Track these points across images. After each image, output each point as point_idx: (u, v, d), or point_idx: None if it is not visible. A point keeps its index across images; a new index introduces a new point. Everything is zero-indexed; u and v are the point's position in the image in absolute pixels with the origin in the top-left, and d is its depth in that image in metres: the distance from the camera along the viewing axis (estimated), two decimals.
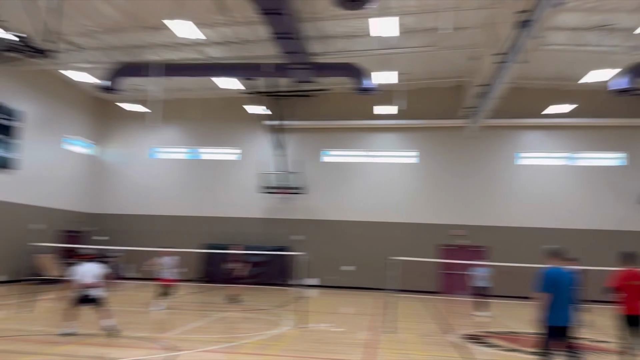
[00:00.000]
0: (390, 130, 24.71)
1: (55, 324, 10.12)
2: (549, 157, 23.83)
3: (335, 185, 24.62)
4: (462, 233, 23.40)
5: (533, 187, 23.46)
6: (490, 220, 23.36)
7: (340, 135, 24.95)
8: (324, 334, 10.84)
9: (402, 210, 23.95)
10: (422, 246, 22.86)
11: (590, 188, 23.08)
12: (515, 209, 23.32)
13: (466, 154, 23.98)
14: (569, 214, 22.77)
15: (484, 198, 23.69)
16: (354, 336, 10.68)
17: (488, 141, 23.80)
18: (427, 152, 24.31)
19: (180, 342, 9.40)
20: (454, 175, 23.94)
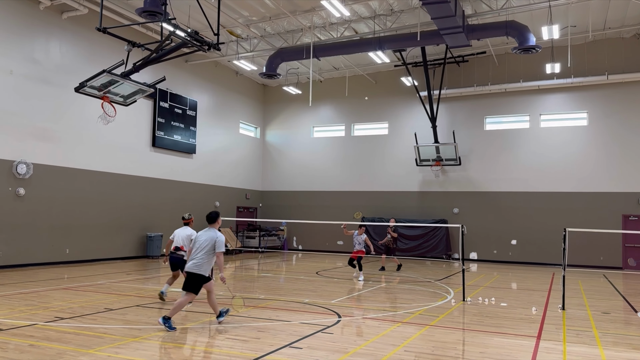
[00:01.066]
0: (554, 91, 22.51)
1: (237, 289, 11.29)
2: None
3: (493, 155, 23.32)
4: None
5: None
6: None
7: (498, 101, 23.44)
8: (486, 308, 10.49)
9: (569, 179, 21.84)
10: (596, 217, 20.75)
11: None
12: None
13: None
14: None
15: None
16: (518, 311, 10.15)
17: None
18: (599, 113, 21.68)
19: (341, 309, 9.86)
20: (635, 135, 21.03)
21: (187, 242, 9.91)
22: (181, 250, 10.08)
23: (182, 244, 10.09)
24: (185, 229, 10.31)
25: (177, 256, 10.10)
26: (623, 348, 7.26)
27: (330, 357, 6.40)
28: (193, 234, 9.74)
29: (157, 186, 21.08)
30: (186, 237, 10.10)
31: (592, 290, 13.93)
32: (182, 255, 9.89)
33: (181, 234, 10.22)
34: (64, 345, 6.59)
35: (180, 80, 22.44)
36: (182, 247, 10.10)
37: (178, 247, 10.13)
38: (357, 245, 15.55)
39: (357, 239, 15.57)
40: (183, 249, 10.04)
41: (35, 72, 16.49)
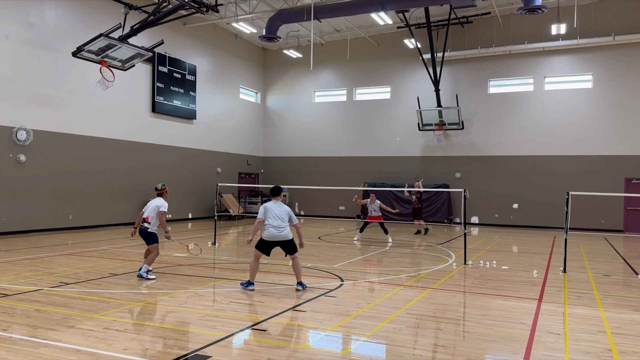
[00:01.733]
0: (559, 53, 22.12)
1: (241, 254, 11.38)
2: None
3: (496, 119, 23.12)
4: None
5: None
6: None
7: (502, 63, 23.08)
8: (488, 271, 10.56)
9: (573, 142, 21.70)
10: (598, 180, 20.73)
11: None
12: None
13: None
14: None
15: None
16: (519, 274, 10.22)
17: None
18: (604, 75, 21.34)
19: (344, 273, 9.94)
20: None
21: (154, 213, 8.96)
22: (146, 221, 9.01)
23: (148, 215, 9.01)
24: (156, 200, 9.15)
25: (141, 228, 9.07)
26: (624, 310, 7.33)
27: (334, 319, 6.46)
28: (162, 205, 8.97)
29: (158, 152, 21.02)
30: (154, 207, 9.03)
31: (593, 253, 14.01)
32: (147, 228, 8.97)
33: (150, 205, 9.13)
34: (70, 310, 6.66)
35: (178, 44, 22.06)
36: (147, 219, 9.01)
37: (144, 219, 9.04)
38: (374, 212, 15.92)
39: (372, 207, 15.93)
40: (147, 220, 8.98)
41: (32, 37, 16.19)
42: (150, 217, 8.99)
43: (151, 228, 8.97)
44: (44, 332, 5.67)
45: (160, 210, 8.90)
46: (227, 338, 5.59)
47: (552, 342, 5.66)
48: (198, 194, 23.17)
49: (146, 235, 9.03)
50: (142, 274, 8.91)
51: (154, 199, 9.24)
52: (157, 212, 8.96)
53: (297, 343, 5.50)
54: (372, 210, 15.95)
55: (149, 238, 9.02)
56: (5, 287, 8.08)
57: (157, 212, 8.96)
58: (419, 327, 6.23)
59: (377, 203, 15.86)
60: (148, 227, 8.98)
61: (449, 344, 5.53)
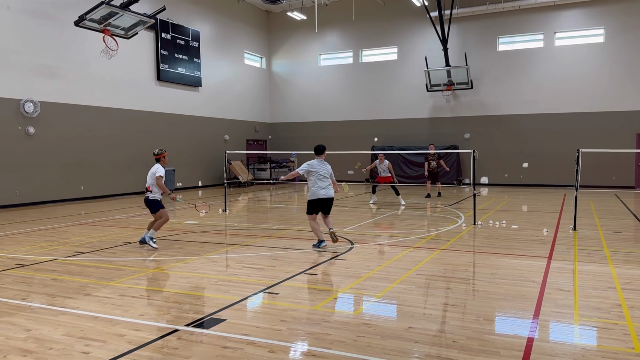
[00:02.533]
0: (570, 7, 21.54)
1: (251, 220, 11.48)
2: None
3: (506, 77, 22.73)
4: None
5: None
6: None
7: (512, 20, 22.51)
8: (498, 230, 10.59)
9: (584, 99, 21.35)
10: (610, 137, 20.50)
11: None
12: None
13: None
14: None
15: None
16: (529, 233, 10.25)
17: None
18: (616, 28, 20.79)
19: (354, 236, 10.02)
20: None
21: (152, 180, 8.83)
22: (147, 190, 8.90)
23: (149, 184, 8.89)
24: (153, 167, 8.98)
25: (145, 198, 9.01)
26: (634, 265, 7.35)
27: (345, 281, 6.55)
28: (157, 171, 8.82)
29: (165, 120, 20.99)
30: (151, 174, 8.87)
31: (603, 210, 13.98)
32: (147, 197, 8.91)
33: (149, 173, 8.97)
34: (86, 279, 6.80)
35: (180, 9, 21.70)
36: (148, 188, 8.90)
37: (146, 188, 8.96)
38: (383, 173, 15.90)
39: (381, 167, 15.85)
40: (149, 189, 8.88)
41: (33, 7, 15.98)
42: (151, 185, 8.89)
43: (152, 195, 8.89)
44: (62, 300, 5.81)
45: (157, 176, 8.79)
46: (240, 302, 5.70)
47: (562, 299, 5.71)
48: (207, 162, 23.23)
49: (148, 203, 8.95)
50: (146, 237, 8.90)
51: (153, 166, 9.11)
52: (154, 178, 8.84)
53: (309, 305, 5.59)
54: (382, 170, 15.86)
55: (152, 206, 8.94)
56: (22, 257, 8.25)
57: (154, 178, 8.84)
58: (429, 287, 6.30)
59: (386, 163, 15.75)
60: (149, 195, 8.90)
61: (459, 303, 5.60)
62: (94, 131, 18.01)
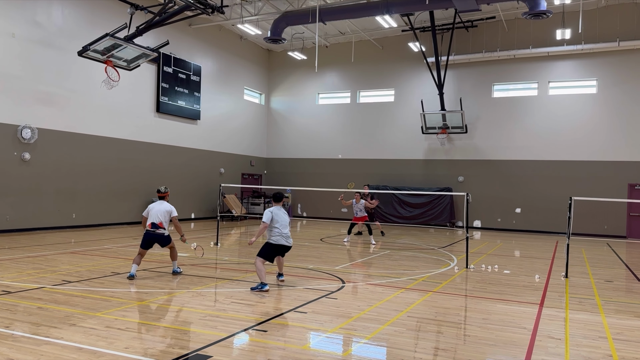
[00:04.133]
0: (564, 58, 22.12)
1: (243, 254, 11.42)
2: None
3: (500, 123, 23.12)
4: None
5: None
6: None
7: (507, 68, 23.08)
8: (489, 275, 10.55)
9: (576, 148, 21.68)
10: (601, 186, 20.71)
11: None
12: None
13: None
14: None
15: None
16: (521, 279, 10.21)
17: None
18: (609, 81, 21.32)
19: (345, 274, 9.95)
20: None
21: (165, 218, 9.03)
22: (160, 227, 9.00)
23: (161, 220, 9.00)
24: (162, 204, 9.18)
25: (156, 234, 9.01)
26: (626, 316, 7.32)
27: (335, 321, 6.47)
28: (172, 210, 9.12)
29: (161, 152, 21.07)
30: (165, 212, 9.07)
31: (595, 258, 13.99)
32: (163, 233, 9.02)
33: (159, 210, 9.07)
34: (72, 308, 6.69)
35: (184, 44, 22.13)
36: (160, 224, 9.00)
37: (156, 225, 8.97)
38: (359, 212, 16.01)
39: (357, 207, 16.04)
40: (162, 226, 9.00)
41: (38, 36, 16.28)
42: (164, 222, 9.08)
43: (167, 232, 9.16)
44: (46, 329, 5.69)
45: (173, 216, 9.15)
46: (228, 338, 5.61)
47: (553, 347, 5.66)
48: (201, 194, 23.21)
49: (163, 239, 9.13)
50: (176, 270, 9.43)
51: (156, 202, 9.28)
52: (168, 218, 9.10)
53: (297, 344, 5.51)
54: (358, 210, 16.00)
55: (165, 241, 9.17)
56: (8, 284, 8.12)
57: (168, 218, 9.10)
58: (420, 330, 6.23)
59: (362, 203, 15.94)
60: (164, 233, 9.10)
61: (449, 347, 5.54)
62: (90, 159, 18.04)
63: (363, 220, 16.02)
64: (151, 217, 9.03)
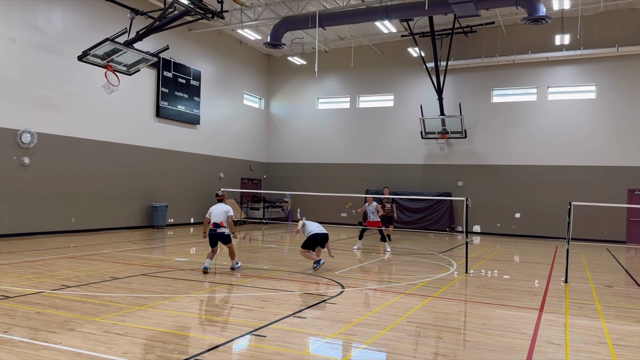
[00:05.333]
0: (563, 64, 22.16)
1: (242, 259, 11.35)
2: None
3: (499, 128, 23.14)
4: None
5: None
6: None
7: (506, 73, 23.13)
8: (489, 280, 10.54)
9: (576, 153, 21.69)
10: (601, 191, 20.70)
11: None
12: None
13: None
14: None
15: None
16: (520, 284, 10.20)
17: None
18: (608, 86, 21.37)
19: (345, 280, 9.93)
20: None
21: (225, 217, 10.22)
22: (221, 226, 10.20)
23: (221, 220, 10.21)
24: (221, 206, 10.40)
25: (218, 233, 10.22)
26: (625, 321, 7.30)
27: (334, 326, 6.46)
28: (230, 211, 10.27)
29: (161, 156, 21.07)
30: (223, 213, 10.27)
31: (595, 263, 13.97)
32: (224, 232, 10.19)
33: (218, 211, 10.30)
34: (70, 313, 6.67)
35: (183, 49, 22.18)
36: (221, 223, 10.20)
37: (217, 224, 10.18)
38: (372, 215, 15.39)
39: (369, 209, 15.41)
40: (223, 225, 10.20)
41: (38, 40, 16.31)
42: (224, 222, 10.22)
43: (227, 231, 10.26)
44: (45, 334, 5.68)
45: (229, 215, 10.26)
46: (227, 343, 5.59)
47: (553, 352, 5.64)
48: (200, 199, 23.19)
49: (225, 237, 10.25)
50: (234, 265, 10.64)
51: (216, 205, 10.42)
52: (226, 217, 10.25)
53: (297, 350, 5.49)
54: (370, 213, 15.35)
55: (226, 239, 10.29)
56: (7, 289, 8.10)
57: (226, 217, 10.25)
58: (420, 335, 6.22)
59: (374, 205, 15.33)
60: (225, 231, 10.21)
61: (449, 353, 5.52)
62: (89, 164, 18.03)
63: (377, 226, 15.38)
64: (213, 217, 10.24)
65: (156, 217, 20.19)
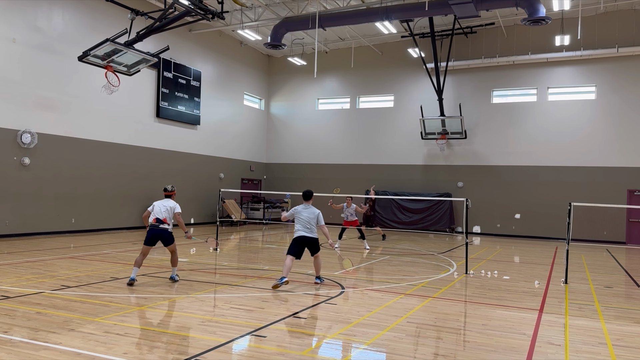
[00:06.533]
0: (563, 64, 22.17)
1: (242, 259, 11.41)
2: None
3: (499, 129, 23.15)
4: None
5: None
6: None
7: (506, 74, 23.14)
8: (489, 281, 10.54)
9: (576, 153, 21.70)
10: (601, 192, 20.71)
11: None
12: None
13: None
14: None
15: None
16: (520, 285, 10.20)
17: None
18: (608, 87, 21.37)
19: (344, 280, 9.93)
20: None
21: (170, 214, 9.11)
22: (164, 222, 9.04)
23: (165, 217, 9.06)
24: (167, 201, 9.27)
25: (160, 229, 9.03)
26: (625, 322, 7.31)
27: (334, 327, 6.46)
28: (177, 207, 9.20)
29: (161, 157, 21.08)
30: (168, 209, 9.14)
31: (595, 264, 13.97)
32: (166, 229, 9.05)
33: (162, 206, 9.16)
34: (71, 313, 6.67)
35: (184, 50, 22.18)
36: (165, 220, 9.05)
37: (160, 220, 9.02)
38: (350, 217, 16.03)
39: (348, 211, 16.01)
40: (166, 221, 9.06)
41: (38, 41, 16.32)
42: (168, 218, 9.09)
43: (170, 228, 9.17)
44: (45, 334, 5.68)
45: (176, 212, 9.14)
46: (227, 344, 5.59)
47: (553, 353, 5.64)
48: (201, 199, 23.20)
49: (167, 236, 9.09)
50: (174, 276, 9.24)
51: (161, 200, 9.27)
52: (172, 214, 9.13)
53: (297, 350, 5.49)
54: (348, 214, 15.98)
55: (169, 239, 9.13)
56: (7, 289, 8.11)
57: (172, 214, 9.13)
58: (420, 335, 6.22)
59: (353, 207, 15.90)
60: (168, 228, 9.09)
61: (449, 354, 5.52)
62: (90, 164, 18.04)
63: (354, 225, 15.99)
64: (155, 212, 9.07)
65: None
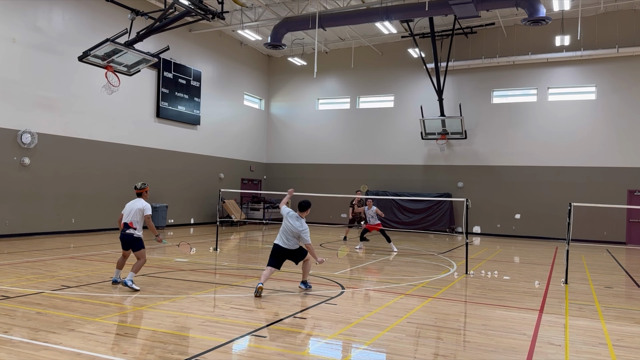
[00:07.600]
0: (563, 64, 22.17)
1: (242, 260, 11.40)
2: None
3: (499, 129, 23.15)
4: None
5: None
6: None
7: (506, 74, 23.13)
8: (489, 281, 10.54)
9: (576, 154, 21.70)
10: (601, 192, 20.71)
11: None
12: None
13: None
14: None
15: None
16: (520, 285, 10.20)
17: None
18: (608, 87, 21.37)
19: (345, 280, 9.93)
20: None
21: (139, 216, 8.34)
22: (131, 227, 8.34)
23: (131, 220, 8.34)
24: (137, 202, 8.51)
25: (126, 234, 8.40)
26: (625, 322, 7.30)
27: (334, 327, 6.46)
28: (146, 208, 8.39)
29: (161, 157, 21.07)
30: (137, 211, 8.36)
31: (595, 264, 13.97)
32: (132, 233, 8.35)
33: (132, 208, 8.42)
34: (71, 313, 6.67)
35: (184, 50, 22.18)
36: (131, 224, 8.34)
37: (127, 224, 8.35)
38: (372, 219, 15.67)
39: (369, 213, 15.69)
40: (132, 226, 8.34)
41: (38, 41, 16.31)
42: (135, 222, 8.36)
43: (137, 233, 8.39)
44: (45, 334, 5.68)
45: (147, 215, 8.39)
46: (227, 344, 5.59)
47: (553, 353, 5.64)
48: (201, 200, 23.20)
49: (132, 241, 8.38)
50: (127, 281, 8.13)
51: (133, 200, 8.62)
52: (141, 216, 8.40)
53: (297, 350, 5.49)
54: (370, 217, 15.67)
55: (135, 244, 8.38)
56: (7, 289, 8.10)
57: (141, 216, 8.40)
58: (420, 336, 6.22)
59: (374, 209, 15.57)
60: (134, 233, 8.36)
61: (449, 354, 5.52)
62: (90, 164, 18.03)
63: (378, 228, 15.55)
64: (125, 216, 8.44)
65: (156, 218, 20.13)
